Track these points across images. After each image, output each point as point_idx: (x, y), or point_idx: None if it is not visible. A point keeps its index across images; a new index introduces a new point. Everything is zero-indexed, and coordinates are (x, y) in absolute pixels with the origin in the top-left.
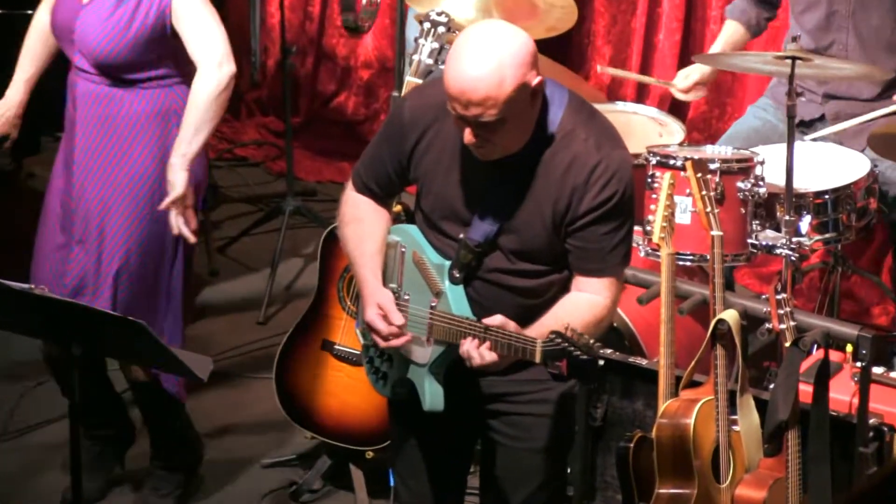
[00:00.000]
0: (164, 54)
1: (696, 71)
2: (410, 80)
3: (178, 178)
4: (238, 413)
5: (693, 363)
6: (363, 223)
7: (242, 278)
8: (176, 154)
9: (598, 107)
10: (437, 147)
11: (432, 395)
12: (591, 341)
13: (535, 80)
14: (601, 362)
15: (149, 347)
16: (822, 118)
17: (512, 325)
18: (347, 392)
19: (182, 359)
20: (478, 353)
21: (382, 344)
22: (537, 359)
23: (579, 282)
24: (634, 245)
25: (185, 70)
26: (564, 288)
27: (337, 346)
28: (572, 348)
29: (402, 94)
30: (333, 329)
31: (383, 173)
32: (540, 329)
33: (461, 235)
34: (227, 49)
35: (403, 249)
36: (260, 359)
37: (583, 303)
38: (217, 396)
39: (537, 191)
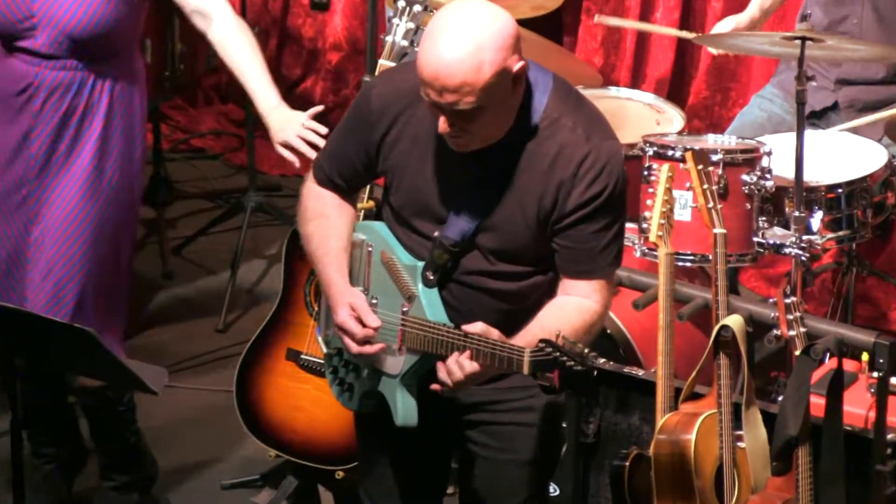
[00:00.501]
0: (139, 17)
1: (729, 21)
2: (384, 63)
3: (289, 114)
4: (195, 429)
5: (694, 373)
6: (327, 219)
7: (199, 281)
8: (268, 102)
9: (589, 92)
10: (408, 137)
11: (405, 408)
12: (586, 350)
13: (518, 65)
14: (595, 373)
15: (97, 358)
16: (834, 106)
17: (495, 333)
18: (315, 406)
19: (134, 370)
20: (457, 365)
21: (355, 349)
22: (525, 370)
23: (566, 285)
24: (629, 244)
25: (138, 38)
26: (549, 291)
27: (304, 356)
28: (565, 358)
29: None
30: (300, 337)
31: (348, 165)
32: (526, 338)
33: (436, 234)
34: None
35: (370, 249)
36: (219, 370)
37: (571, 308)
38: (172, 411)
39: (520, 185)
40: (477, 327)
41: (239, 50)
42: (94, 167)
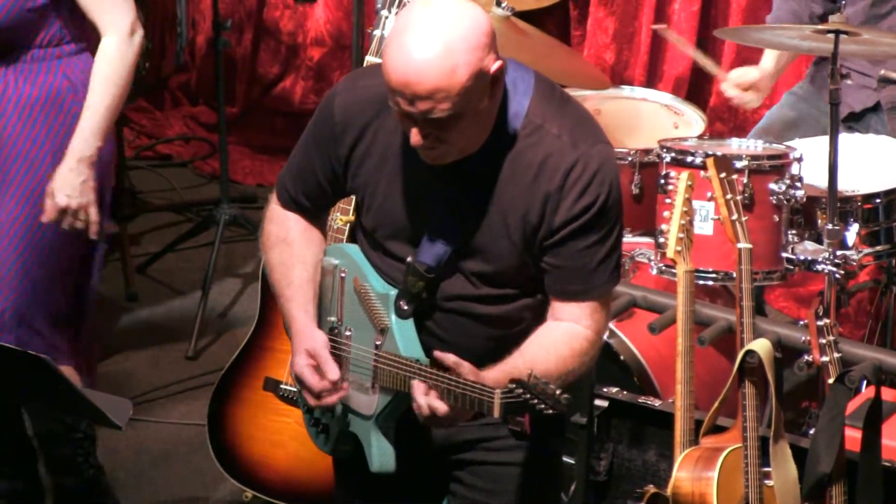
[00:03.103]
0: (73, 11)
1: (752, 71)
2: (371, 60)
3: (81, 183)
4: (163, 467)
5: (716, 404)
6: (291, 245)
7: (167, 303)
8: (76, 146)
9: (599, 93)
10: (377, 151)
11: (380, 453)
12: (558, 392)
13: (495, 65)
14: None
15: (52, 388)
16: (876, 108)
17: (466, 367)
18: (296, 441)
19: (94, 401)
20: (425, 400)
21: (312, 403)
22: (496, 413)
23: (556, 309)
24: (645, 260)
25: (89, 34)
26: (542, 313)
27: (283, 386)
28: (536, 401)
29: None
30: (279, 364)
31: (314, 184)
32: (504, 372)
33: (408, 259)
34: (136, 11)
35: (343, 275)
36: (190, 401)
37: (559, 336)
38: (138, 447)
39: (502, 201)
40: (448, 360)
41: (96, 79)
42: (14, 178)
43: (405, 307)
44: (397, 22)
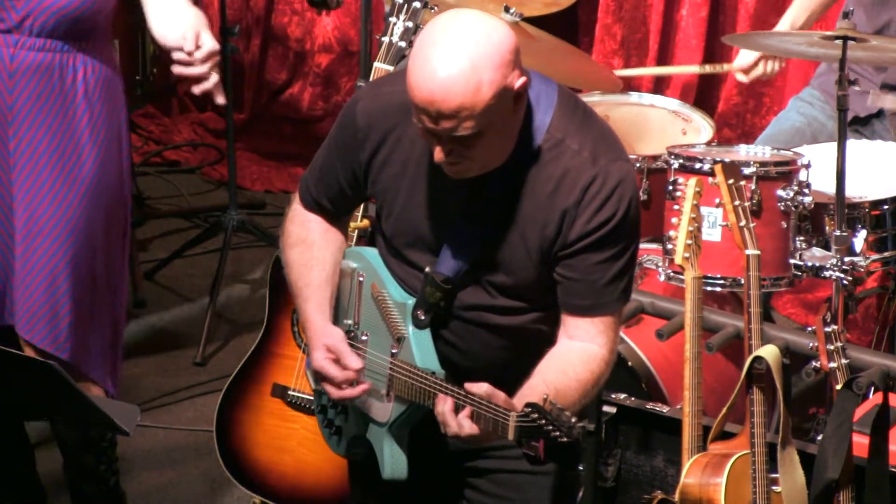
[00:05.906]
0: None
1: (751, 54)
2: (379, 66)
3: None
4: (171, 473)
5: (724, 410)
6: (310, 247)
7: (175, 309)
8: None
9: (608, 99)
10: (398, 159)
11: (393, 460)
12: (574, 419)
13: (519, 82)
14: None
15: (59, 394)
16: (879, 114)
17: (501, 397)
18: (304, 448)
19: (102, 407)
20: (455, 420)
21: (335, 394)
22: (510, 436)
23: (568, 324)
24: (653, 267)
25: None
26: (556, 326)
27: (291, 392)
28: (550, 427)
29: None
30: (287, 371)
31: (335, 187)
32: (530, 393)
33: (427, 269)
34: None
35: (361, 279)
36: (198, 407)
37: (577, 359)
38: (146, 452)
39: (521, 214)
40: (481, 388)
41: None
42: (75, 160)
43: (422, 317)
44: (422, 37)
